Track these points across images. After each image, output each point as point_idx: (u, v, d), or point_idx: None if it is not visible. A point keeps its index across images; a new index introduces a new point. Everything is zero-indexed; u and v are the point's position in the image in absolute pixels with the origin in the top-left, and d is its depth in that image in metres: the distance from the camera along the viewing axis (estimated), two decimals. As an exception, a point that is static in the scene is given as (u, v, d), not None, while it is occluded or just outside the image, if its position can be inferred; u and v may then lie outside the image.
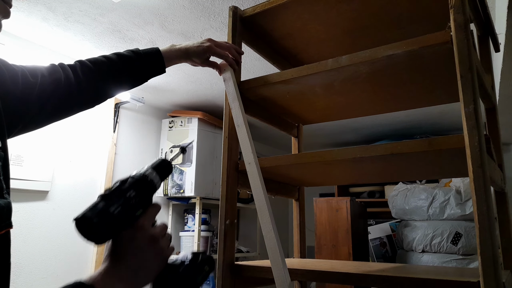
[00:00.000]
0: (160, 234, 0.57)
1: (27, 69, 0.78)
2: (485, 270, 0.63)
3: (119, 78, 0.92)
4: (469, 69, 0.70)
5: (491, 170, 0.73)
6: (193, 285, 0.58)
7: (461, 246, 2.52)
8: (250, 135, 0.91)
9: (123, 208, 0.53)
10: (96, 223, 0.51)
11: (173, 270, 0.58)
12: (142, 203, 0.55)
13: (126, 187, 0.55)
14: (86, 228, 0.52)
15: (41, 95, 0.77)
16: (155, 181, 0.58)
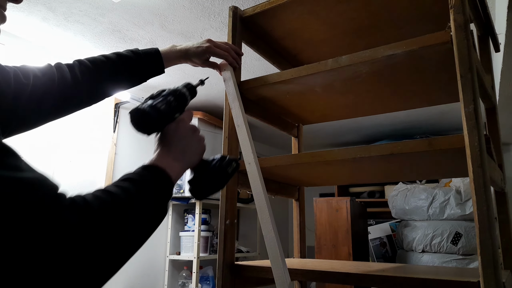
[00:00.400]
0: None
1: (20, 70, 0.78)
2: (485, 270, 0.63)
3: (117, 78, 0.92)
4: (469, 69, 0.70)
5: (491, 170, 0.73)
6: (224, 174, 0.72)
7: (461, 246, 2.52)
8: (250, 135, 0.91)
9: (167, 106, 0.66)
10: (148, 113, 0.64)
11: (207, 162, 0.72)
12: (179, 108, 0.69)
13: (167, 93, 0.68)
14: (138, 118, 0.66)
15: (33, 95, 0.77)
16: (186, 95, 0.72)
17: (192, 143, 0.70)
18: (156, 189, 0.58)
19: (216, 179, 0.73)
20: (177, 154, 0.66)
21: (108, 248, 0.48)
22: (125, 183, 0.55)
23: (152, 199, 0.57)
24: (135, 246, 0.55)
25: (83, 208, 0.46)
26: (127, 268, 2.20)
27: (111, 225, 0.48)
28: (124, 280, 2.86)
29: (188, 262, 3.09)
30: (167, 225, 3.25)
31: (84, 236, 0.44)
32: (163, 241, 3.20)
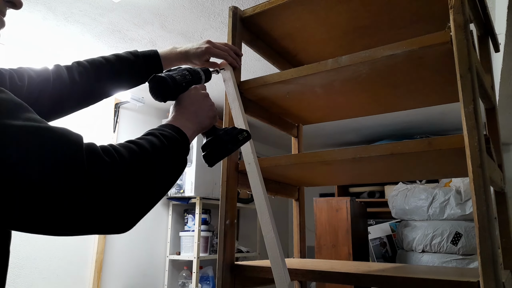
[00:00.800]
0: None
1: (15, 72, 0.79)
2: (484, 270, 0.63)
3: (115, 79, 0.93)
4: (468, 69, 0.70)
5: (491, 170, 0.73)
6: (235, 140, 0.79)
7: (461, 246, 2.52)
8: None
9: (182, 77, 0.78)
10: (165, 79, 0.75)
11: (219, 129, 0.79)
12: (193, 82, 0.81)
13: (183, 68, 0.82)
14: (156, 84, 0.75)
15: (29, 97, 0.78)
16: (200, 74, 0.85)
17: (204, 107, 0.77)
18: (175, 142, 0.64)
19: (227, 144, 0.78)
20: (190, 115, 0.74)
21: (137, 192, 0.54)
22: (148, 136, 0.61)
23: (172, 150, 0.62)
24: (160, 191, 0.60)
25: (114, 155, 0.52)
26: (127, 268, 2.21)
27: (140, 171, 0.54)
28: (124, 280, 2.86)
29: (188, 262, 3.09)
30: (167, 225, 3.25)
31: (116, 182, 0.50)
32: (163, 241, 3.20)
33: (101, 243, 2.70)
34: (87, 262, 2.65)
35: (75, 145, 0.49)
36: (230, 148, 0.79)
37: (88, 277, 2.63)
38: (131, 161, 0.54)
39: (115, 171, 0.51)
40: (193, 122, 0.73)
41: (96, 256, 2.66)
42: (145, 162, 0.56)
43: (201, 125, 0.75)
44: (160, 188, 0.60)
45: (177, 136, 0.65)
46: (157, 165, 0.58)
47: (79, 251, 2.61)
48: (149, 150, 0.58)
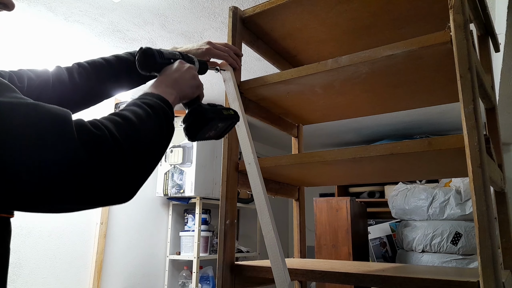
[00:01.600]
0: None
1: (15, 74, 0.79)
2: (484, 270, 0.63)
3: (116, 80, 0.94)
4: (468, 69, 0.70)
5: (491, 170, 0.73)
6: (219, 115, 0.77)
7: (461, 246, 2.52)
8: (250, 135, 0.91)
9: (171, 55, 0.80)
10: (151, 50, 0.76)
11: (199, 102, 0.79)
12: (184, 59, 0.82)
13: (178, 51, 0.84)
14: (141, 56, 0.76)
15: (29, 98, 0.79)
16: (193, 60, 0.85)
17: (186, 76, 0.76)
18: (158, 109, 0.64)
19: (209, 115, 0.75)
20: (171, 82, 0.73)
21: (129, 161, 0.54)
22: (131, 107, 0.61)
23: (156, 117, 0.62)
24: (151, 158, 0.60)
25: (101, 127, 0.53)
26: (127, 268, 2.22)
27: (128, 140, 0.55)
28: (124, 280, 2.86)
29: (188, 262, 3.09)
30: (167, 225, 3.25)
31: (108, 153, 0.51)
32: (163, 241, 3.20)
33: (101, 243, 2.70)
34: (87, 262, 2.65)
35: (64, 118, 0.50)
36: (211, 120, 0.76)
37: (88, 277, 2.64)
38: (118, 132, 0.54)
39: (105, 142, 0.51)
40: (174, 88, 0.72)
41: (96, 256, 2.66)
42: (131, 132, 0.56)
43: (183, 92, 0.75)
44: (151, 155, 0.60)
45: (159, 102, 0.65)
46: (143, 133, 0.58)
47: (79, 251, 2.61)
48: (133, 119, 0.58)
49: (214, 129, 0.79)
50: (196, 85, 0.78)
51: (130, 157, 0.54)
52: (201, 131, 0.77)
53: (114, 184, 0.52)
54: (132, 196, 0.57)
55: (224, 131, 0.82)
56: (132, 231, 2.95)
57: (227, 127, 0.81)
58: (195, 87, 0.78)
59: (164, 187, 3.09)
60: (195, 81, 0.78)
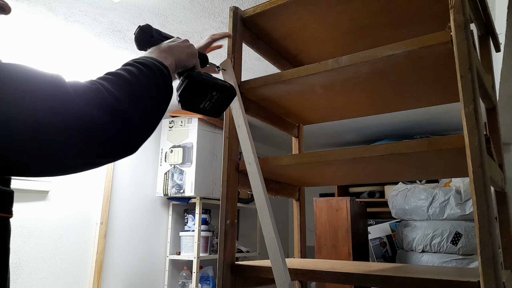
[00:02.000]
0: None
1: None
2: (485, 270, 0.63)
3: None
4: (469, 69, 0.70)
5: (491, 170, 0.73)
6: (213, 82, 0.76)
7: (461, 246, 2.52)
8: (250, 135, 0.92)
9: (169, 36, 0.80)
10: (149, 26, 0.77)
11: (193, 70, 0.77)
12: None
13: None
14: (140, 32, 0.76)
15: None
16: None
17: (181, 44, 0.76)
18: (153, 67, 0.63)
19: (202, 81, 0.74)
20: (165, 48, 0.73)
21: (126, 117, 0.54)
22: (124, 67, 0.60)
23: (151, 74, 0.62)
24: (149, 115, 0.60)
25: (95, 82, 0.53)
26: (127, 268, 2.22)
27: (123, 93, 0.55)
28: (124, 280, 2.86)
29: (188, 262, 3.09)
30: (167, 225, 3.25)
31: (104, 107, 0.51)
32: (163, 241, 3.20)
33: (101, 243, 2.70)
34: (87, 262, 2.65)
35: (56, 76, 0.50)
36: (205, 83, 0.74)
37: (88, 277, 2.63)
38: (112, 86, 0.54)
39: (100, 93, 0.52)
40: (169, 54, 0.72)
41: (96, 256, 2.66)
42: (125, 85, 0.56)
43: (179, 57, 0.73)
44: (149, 109, 0.59)
45: (154, 62, 0.64)
46: (138, 87, 0.58)
47: (79, 251, 2.61)
48: (126, 75, 0.58)
49: (209, 99, 0.77)
50: (193, 53, 0.77)
51: (128, 108, 0.54)
52: (195, 97, 0.75)
53: (115, 133, 0.53)
54: (133, 150, 0.58)
55: (221, 105, 0.79)
56: (132, 231, 2.95)
57: (223, 100, 0.78)
58: (191, 55, 0.77)
59: (164, 187, 3.09)
60: (191, 49, 0.77)
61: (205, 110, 0.78)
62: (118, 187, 2.91)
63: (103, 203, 2.74)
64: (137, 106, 0.57)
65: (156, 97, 0.62)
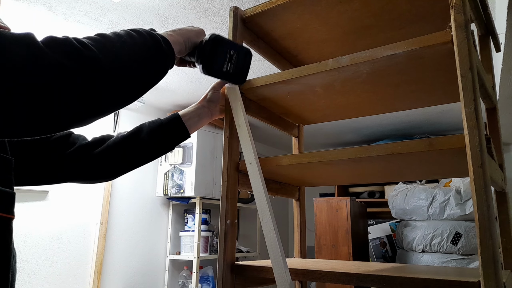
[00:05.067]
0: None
1: None
2: (485, 270, 0.63)
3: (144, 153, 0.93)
4: (469, 69, 0.70)
5: (492, 170, 0.73)
6: (230, 42, 0.80)
7: (461, 246, 2.52)
8: (251, 135, 0.91)
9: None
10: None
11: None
12: None
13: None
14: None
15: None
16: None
17: (187, 27, 0.77)
18: (146, 33, 0.62)
19: (219, 40, 0.77)
20: (172, 30, 0.72)
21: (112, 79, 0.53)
22: (116, 32, 0.59)
23: (140, 37, 0.60)
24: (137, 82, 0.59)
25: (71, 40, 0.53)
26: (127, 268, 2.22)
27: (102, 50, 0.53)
28: (124, 280, 2.86)
29: (188, 262, 3.09)
30: (167, 225, 3.25)
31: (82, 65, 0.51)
32: (163, 241, 3.20)
33: (101, 243, 2.70)
34: (87, 262, 2.65)
35: (26, 34, 0.52)
36: (221, 41, 0.77)
37: (88, 277, 2.63)
38: (88, 40, 0.53)
39: (73, 46, 0.51)
40: (176, 33, 0.72)
41: (96, 256, 2.66)
42: (106, 42, 0.55)
43: (187, 36, 0.74)
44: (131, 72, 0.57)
45: (149, 30, 0.63)
46: (117, 45, 0.56)
47: (79, 251, 2.60)
48: (110, 35, 0.56)
49: (230, 60, 0.79)
50: (201, 31, 0.78)
51: (103, 59, 0.52)
52: (215, 58, 0.77)
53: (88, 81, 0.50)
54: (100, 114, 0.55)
55: (242, 67, 0.82)
56: (132, 231, 2.95)
57: (243, 60, 0.82)
58: (198, 32, 0.78)
59: (164, 187, 3.09)
60: (198, 28, 0.79)
61: (229, 74, 0.80)
62: (118, 187, 2.91)
63: (103, 203, 2.74)
64: (114, 60, 0.55)
65: (141, 56, 0.60)
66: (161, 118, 0.94)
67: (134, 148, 0.89)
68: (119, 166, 0.89)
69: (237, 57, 0.81)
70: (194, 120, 0.96)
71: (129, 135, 0.89)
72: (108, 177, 0.90)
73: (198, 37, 0.77)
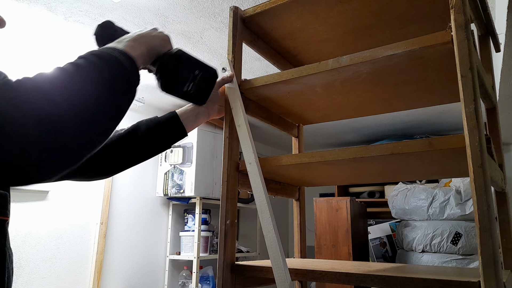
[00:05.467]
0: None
1: None
2: (485, 270, 0.63)
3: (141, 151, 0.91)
4: (469, 69, 0.70)
5: (492, 170, 0.73)
6: (192, 60, 0.72)
7: (461, 246, 2.52)
8: (250, 135, 0.92)
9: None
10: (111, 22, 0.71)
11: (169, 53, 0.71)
12: None
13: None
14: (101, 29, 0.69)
15: None
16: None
17: (150, 31, 0.69)
18: (108, 58, 0.56)
19: (181, 56, 0.69)
20: (134, 37, 0.65)
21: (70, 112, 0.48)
22: (75, 61, 0.54)
23: (105, 65, 0.55)
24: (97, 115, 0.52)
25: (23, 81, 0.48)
26: (127, 268, 2.22)
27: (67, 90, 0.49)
28: (124, 280, 2.86)
29: (188, 262, 3.09)
30: (167, 225, 3.25)
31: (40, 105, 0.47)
32: (163, 241, 3.20)
33: (101, 243, 2.70)
34: (87, 262, 2.65)
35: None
36: (184, 58, 0.69)
37: (88, 277, 2.63)
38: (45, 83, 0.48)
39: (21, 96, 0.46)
40: (139, 42, 0.64)
41: (96, 256, 2.66)
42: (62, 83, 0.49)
43: (150, 44, 0.66)
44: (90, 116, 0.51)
45: (115, 54, 0.57)
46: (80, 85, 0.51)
47: (79, 251, 2.60)
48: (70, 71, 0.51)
49: (193, 80, 0.72)
50: (166, 38, 0.71)
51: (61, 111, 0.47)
52: (177, 76, 0.70)
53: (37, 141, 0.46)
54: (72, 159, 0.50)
55: (204, 89, 0.75)
56: (132, 231, 2.95)
57: (207, 82, 0.75)
58: (164, 40, 0.71)
59: (164, 187, 3.09)
60: (163, 34, 0.71)
61: (189, 94, 0.73)
62: (118, 187, 2.91)
63: (103, 203, 2.74)
64: (74, 108, 0.49)
65: (108, 97, 0.54)
66: (158, 116, 0.94)
67: (131, 146, 0.88)
68: (117, 163, 0.89)
69: (201, 77, 0.74)
70: (191, 119, 0.96)
71: (127, 133, 0.88)
72: (106, 174, 0.90)
73: (163, 45, 0.71)
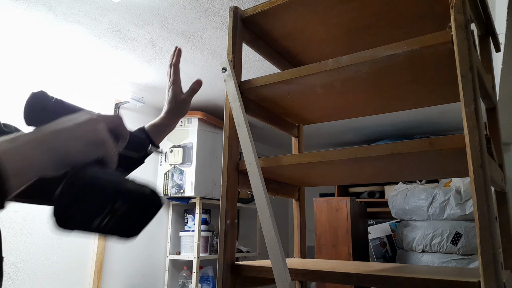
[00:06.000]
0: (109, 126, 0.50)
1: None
2: (485, 270, 0.63)
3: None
4: (469, 69, 0.70)
5: (492, 170, 0.73)
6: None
7: (461, 246, 2.52)
8: (250, 135, 0.91)
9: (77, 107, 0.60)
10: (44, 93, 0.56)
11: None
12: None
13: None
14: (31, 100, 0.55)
15: None
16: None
17: (79, 127, 0.47)
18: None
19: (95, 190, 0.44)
20: (44, 133, 0.45)
21: None
22: None
23: None
24: None
25: None
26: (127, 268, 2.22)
27: None
28: (124, 280, 2.86)
29: (188, 262, 3.09)
30: (167, 225, 3.24)
31: None
32: (163, 241, 3.20)
33: (101, 243, 2.70)
34: (87, 262, 2.65)
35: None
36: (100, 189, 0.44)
37: (88, 277, 2.63)
38: None
39: None
40: (44, 144, 0.43)
41: (96, 256, 2.66)
42: None
43: (62, 149, 0.44)
44: None
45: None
46: None
47: (79, 251, 2.60)
48: None
49: (110, 212, 0.44)
50: (97, 140, 0.47)
51: None
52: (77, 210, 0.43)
53: None
54: None
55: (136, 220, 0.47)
56: (132, 231, 2.95)
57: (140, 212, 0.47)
58: (93, 144, 0.47)
59: (164, 187, 3.09)
60: (96, 135, 0.47)
61: (104, 230, 0.45)
62: (118, 187, 2.90)
63: (103, 203, 2.74)
64: None
65: None
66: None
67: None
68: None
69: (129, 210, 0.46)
70: (161, 127, 0.92)
71: None
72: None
73: (86, 153, 0.46)
